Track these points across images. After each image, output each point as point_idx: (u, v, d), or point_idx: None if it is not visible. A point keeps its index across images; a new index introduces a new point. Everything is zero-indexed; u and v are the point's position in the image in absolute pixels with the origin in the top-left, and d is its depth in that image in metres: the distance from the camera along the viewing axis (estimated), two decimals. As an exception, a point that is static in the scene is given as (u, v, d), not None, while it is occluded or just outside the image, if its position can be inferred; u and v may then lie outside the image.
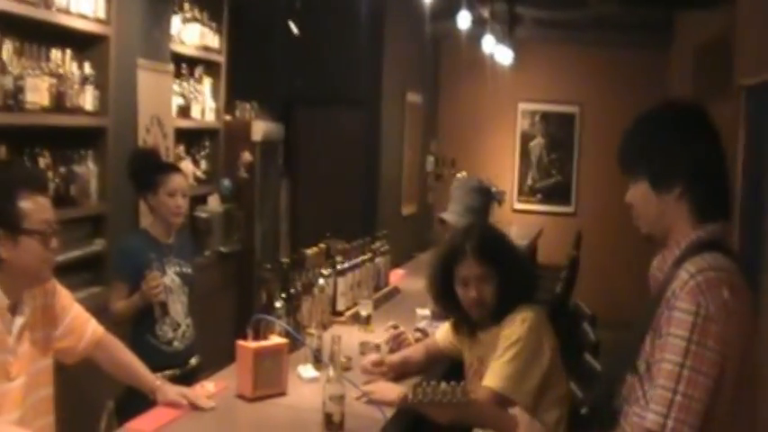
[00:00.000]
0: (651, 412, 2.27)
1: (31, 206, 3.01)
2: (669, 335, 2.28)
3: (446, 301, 3.77)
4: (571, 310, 6.01)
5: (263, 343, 3.62)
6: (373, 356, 3.91)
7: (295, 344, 4.01)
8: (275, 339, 3.70)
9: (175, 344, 4.57)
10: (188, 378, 4.09)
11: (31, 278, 3.09)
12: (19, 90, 4.58)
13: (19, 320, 3.09)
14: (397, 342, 4.38)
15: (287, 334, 3.81)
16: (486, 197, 5.32)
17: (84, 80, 5.22)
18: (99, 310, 3.54)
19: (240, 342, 3.64)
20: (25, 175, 3.23)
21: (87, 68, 5.25)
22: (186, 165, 6.64)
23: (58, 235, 3.11)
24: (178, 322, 4.58)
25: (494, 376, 3.46)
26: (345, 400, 3.22)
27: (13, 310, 3.08)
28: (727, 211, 2.48)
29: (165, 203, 4.54)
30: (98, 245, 5.38)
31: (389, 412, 3.45)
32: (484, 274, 3.59)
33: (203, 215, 6.89)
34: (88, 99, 5.24)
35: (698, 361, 2.23)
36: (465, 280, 3.62)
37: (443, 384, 2.47)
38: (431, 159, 11.34)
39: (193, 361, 4.67)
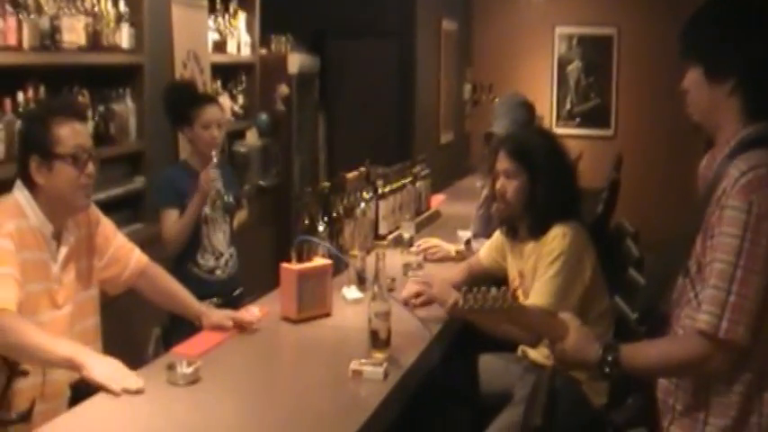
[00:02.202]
0: (704, 313, 2.23)
1: (64, 132, 3.04)
2: (721, 234, 2.22)
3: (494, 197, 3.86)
4: (613, 229, 5.97)
5: (306, 264, 3.64)
6: (412, 289, 3.87)
7: (338, 266, 4.02)
8: (319, 261, 3.72)
9: (218, 273, 4.60)
10: (231, 307, 4.12)
11: (67, 204, 3.11)
12: (55, 30, 4.56)
13: (64, 249, 3.13)
14: (430, 252, 4.47)
15: (330, 256, 3.82)
16: (530, 112, 5.30)
17: (120, 18, 5.19)
18: (141, 247, 3.56)
19: (284, 264, 3.66)
20: (58, 103, 3.26)
21: (122, 6, 5.22)
22: (224, 100, 6.62)
23: (93, 160, 3.14)
24: (220, 251, 4.60)
25: (539, 294, 3.47)
26: (391, 317, 3.23)
27: (58, 238, 3.12)
28: None
29: (200, 135, 4.55)
30: (138, 182, 5.39)
31: (435, 329, 3.47)
32: (511, 171, 3.67)
33: (241, 150, 6.88)
34: (124, 37, 5.22)
35: (751, 260, 2.18)
36: (497, 173, 3.73)
37: (493, 290, 2.45)
38: (467, 87, 11.25)
39: (237, 291, 4.70)
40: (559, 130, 10.81)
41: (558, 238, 3.53)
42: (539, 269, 3.55)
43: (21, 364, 2.96)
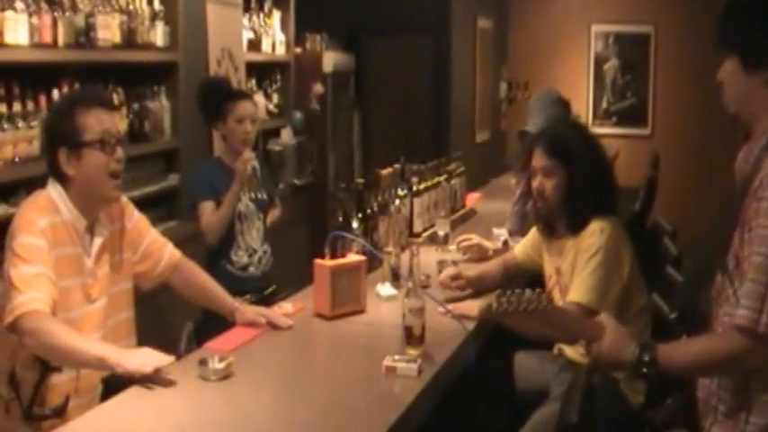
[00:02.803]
0: (742, 308, 2.17)
1: (89, 119, 3.04)
2: (759, 226, 2.17)
3: (530, 195, 3.83)
4: (650, 227, 5.91)
5: (340, 261, 3.62)
6: (451, 270, 3.90)
7: (372, 263, 4.00)
8: (352, 257, 3.69)
9: (251, 270, 4.59)
10: (264, 305, 4.11)
11: (100, 194, 3.10)
12: (90, 27, 4.58)
13: (97, 242, 3.12)
14: (472, 250, 4.49)
15: (364, 252, 3.79)
16: (565, 108, 5.25)
17: (154, 16, 5.22)
18: (176, 244, 3.56)
19: (317, 261, 3.64)
20: (83, 93, 3.27)
21: (157, 4, 5.25)
22: (258, 99, 6.61)
23: (122, 146, 3.13)
24: (254, 248, 4.60)
25: (578, 290, 3.44)
26: (425, 313, 3.20)
27: (91, 232, 3.11)
28: None
29: (233, 130, 4.55)
30: (172, 180, 5.41)
31: (470, 325, 3.43)
32: (549, 168, 3.63)
33: (276, 148, 6.88)
34: (159, 35, 5.24)
35: None
36: (534, 171, 3.69)
37: (528, 292, 2.41)
38: (503, 86, 11.20)
39: (271, 289, 4.69)
40: (596, 129, 10.63)
41: (595, 233, 3.49)
42: (577, 265, 3.52)
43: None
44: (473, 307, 3.51)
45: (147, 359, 2.85)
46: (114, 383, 2.88)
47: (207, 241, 4.47)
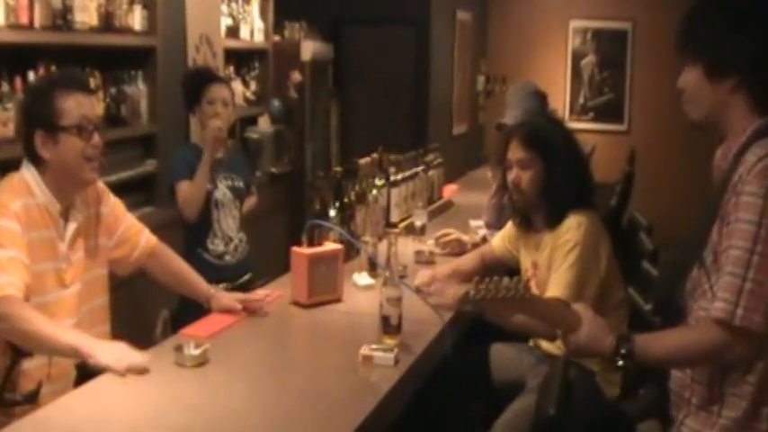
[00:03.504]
0: (719, 300, 2.18)
1: (67, 103, 3.01)
2: (738, 220, 2.18)
3: (506, 187, 3.80)
4: (627, 222, 5.93)
5: (317, 249, 3.60)
6: (425, 276, 3.85)
7: (349, 252, 3.99)
8: (330, 246, 3.68)
9: (227, 258, 4.57)
10: (240, 293, 4.07)
11: (75, 177, 3.07)
12: (68, 10, 4.54)
13: (72, 227, 3.09)
14: (450, 246, 4.41)
15: (341, 241, 3.78)
16: (543, 101, 5.26)
17: (133, 0, 5.17)
18: (153, 230, 3.54)
19: (295, 248, 3.62)
20: (61, 76, 3.23)
21: (135, -12, 5.21)
22: (236, 86, 6.59)
23: (99, 131, 3.10)
24: (230, 236, 4.58)
25: (557, 285, 3.43)
26: (402, 303, 3.19)
27: (66, 216, 3.08)
28: None
29: (205, 112, 4.54)
30: (150, 165, 5.37)
31: (447, 316, 3.43)
32: (526, 160, 3.61)
33: (254, 136, 6.85)
34: (137, 19, 5.20)
35: (767, 246, 2.14)
36: (509, 163, 3.67)
37: (506, 279, 2.40)
38: (481, 79, 11.20)
39: (246, 277, 4.66)
40: (573, 124, 10.64)
41: (573, 228, 3.48)
42: (554, 260, 3.51)
43: None
44: (451, 295, 3.51)
45: (120, 356, 2.82)
46: (89, 369, 2.85)
47: (185, 217, 4.44)
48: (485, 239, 4.58)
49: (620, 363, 2.35)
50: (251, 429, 2.53)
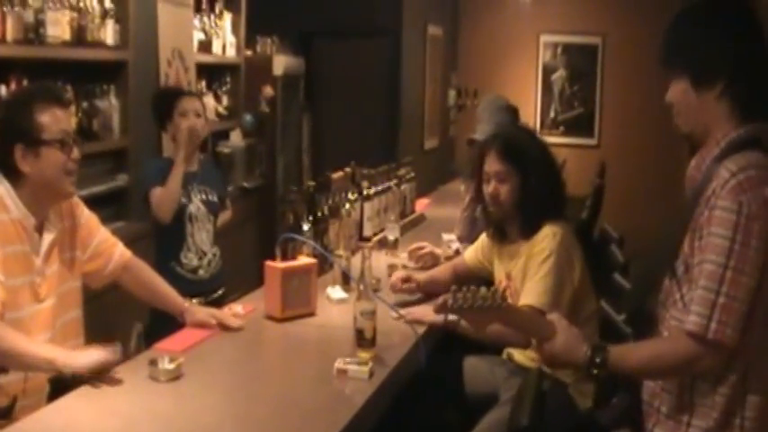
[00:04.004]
0: (693, 314, 2.21)
1: (48, 118, 3.01)
2: (711, 234, 2.21)
3: (480, 200, 3.82)
4: (598, 235, 5.97)
5: (291, 263, 3.61)
6: (401, 272, 3.89)
7: (323, 267, 4.00)
8: (303, 260, 3.68)
9: (200, 272, 4.56)
10: (214, 307, 4.06)
11: (55, 191, 3.08)
12: (40, 24, 4.53)
13: (47, 240, 3.08)
14: (423, 259, 4.43)
15: (315, 255, 3.79)
16: (513, 115, 5.28)
17: (105, 14, 5.16)
18: (124, 245, 3.53)
19: (268, 262, 3.63)
20: (40, 89, 3.22)
21: (108, 2, 5.19)
22: (208, 100, 6.59)
23: (77, 145, 3.11)
24: (204, 251, 4.57)
25: (531, 293, 3.45)
26: (376, 317, 3.20)
27: (40, 230, 3.07)
28: None
29: (177, 125, 4.53)
30: (121, 180, 5.35)
31: (421, 329, 3.44)
32: (503, 173, 3.63)
33: (225, 150, 6.85)
34: (109, 33, 5.18)
35: (741, 261, 2.16)
36: (487, 176, 3.68)
37: (483, 289, 2.43)
38: (452, 93, 11.25)
39: (220, 292, 4.65)
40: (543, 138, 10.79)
41: (548, 237, 3.51)
42: (529, 269, 3.53)
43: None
44: (427, 312, 3.52)
45: (93, 355, 2.84)
46: (61, 384, 2.85)
47: (160, 220, 4.41)
48: (458, 252, 4.59)
49: (595, 372, 2.36)
50: (226, 443, 2.54)
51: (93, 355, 2.84)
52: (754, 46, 2.35)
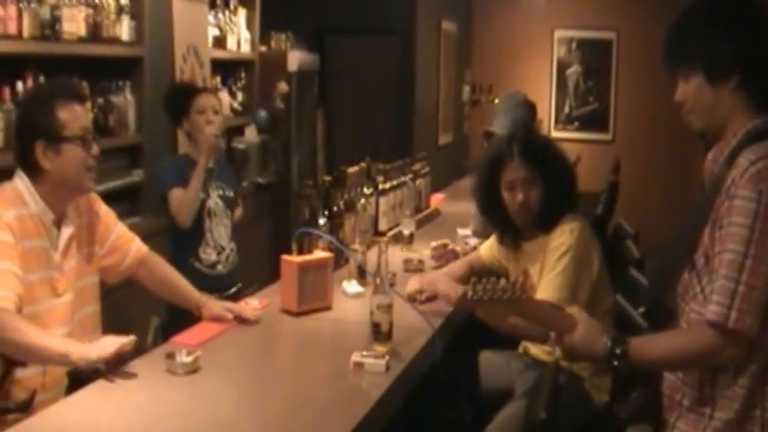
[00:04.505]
0: (713, 303, 2.20)
1: (68, 114, 3.03)
2: (730, 224, 2.20)
3: (491, 208, 3.74)
4: (613, 230, 5.96)
5: (307, 257, 3.61)
6: (415, 285, 3.80)
7: (339, 261, 4.00)
8: (319, 254, 3.69)
9: (219, 267, 4.57)
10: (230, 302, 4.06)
11: (75, 187, 3.10)
12: (56, 20, 4.54)
13: (64, 236, 3.10)
14: (445, 258, 4.40)
15: (331, 249, 3.79)
16: (531, 111, 5.27)
17: (120, 10, 5.18)
18: (140, 239, 3.54)
19: (284, 257, 3.63)
20: (60, 86, 3.23)
21: (123, -2, 5.22)
22: (223, 96, 6.60)
23: (96, 141, 3.13)
24: (222, 246, 4.58)
25: (549, 288, 3.43)
26: (393, 310, 3.20)
27: (58, 225, 3.09)
28: None
29: (196, 122, 4.53)
30: (136, 175, 5.37)
31: (437, 323, 3.44)
32: (530, 178, 3.57)
33: (240, 146, 6.86)
34: (124, 29, 5.20)
35: (760, 249, 2.16)
36: (511, 184, 3.60)
37: (502, 281, 2.43)
38: (466, 89, 11.24)
39: (235, 288, 4.66)
40: (558, 134, 10.81)
41: (565, 233, 3.49)
42: (546, 265, 3.51)
43: None
44: (454, 289, 3.52)
45: (107, 344, 2.84)
46: (80, 377, 2.86)
47: (179, 225, 4.42)
48: (475, 249, 4.59)
49: (615, 363, 2.36)
50: (243, 436, 2.54)
51: (106, 346, 2.84)
52: (763, 37, 2.35)
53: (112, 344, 2.83)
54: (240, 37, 7.07)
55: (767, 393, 2.25)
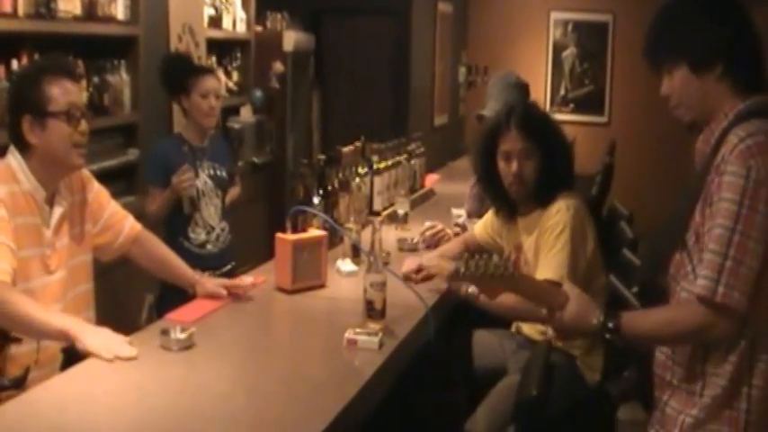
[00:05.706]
0: (701, 278, 2.22)
1: (55, 90, 3.02)
2: (720, 200, 2.21)
3: (488, 179, 3.74)
4: (607, 212, 5.98)
5: (301, 235, 3.62)
6: (412, 264, 3.82)
7: (333, 239, 4.01)
8: (314, 232, 3.70)
9: (209, 247, 4.58)
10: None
11: (63, 163, 3.09)
12: (51, -2, 4.54)
13: (57, 213, 3.10)
14: (435, 239, 4.40)
15: (325, 227, 3.80)
16: (524, 92, 5.25)
17: (116, -12, 5.17)
18: (135, 218, 3.54)
19: (279, 234, 3.64)
20: (50, 62, 3.23)
21: (118, -23, 5.20)
22: (219, 76, 6.59)
23: (86, 118, 3.11)
24: (212, 225, 4.58)
25: (547, 267, 3.43)
26: (386, 288, 3.21)
27: (51, 203, 3.09)
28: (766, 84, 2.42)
29: (198, 105, 4.52)
30: (131, 154, 5.35)
31: (431, 301, 3.46)
32: (526, 149, 3.56)
33: (235, 126, 6.85)
34: (120, 8, 5.17)
35: (748, 225, 2.17)
36: (507, 154, 3.59)
37: (495, 257, 2.44)
38: (462, 70, 11.22)
39: (228, 266, 4.67)
40: (553, 116, 10.77)
41: (561, 210, 3.49)
42: (542, 243, 3.50)
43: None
44: (448, 266, 3.53)
45: (108, 343, 2.85)
46: (75, 354, 2.87)
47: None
48: (464, 228, 4.60)
49: (607, 337, 2.37)
50: (236, 412, 2.55)
51: (106, 339, 2.85)
52: (742, 24, 2.36)
53: (112, 347, 2.83)
54: (236, 16, 7.05)
55: (755, 370, 2.26)
